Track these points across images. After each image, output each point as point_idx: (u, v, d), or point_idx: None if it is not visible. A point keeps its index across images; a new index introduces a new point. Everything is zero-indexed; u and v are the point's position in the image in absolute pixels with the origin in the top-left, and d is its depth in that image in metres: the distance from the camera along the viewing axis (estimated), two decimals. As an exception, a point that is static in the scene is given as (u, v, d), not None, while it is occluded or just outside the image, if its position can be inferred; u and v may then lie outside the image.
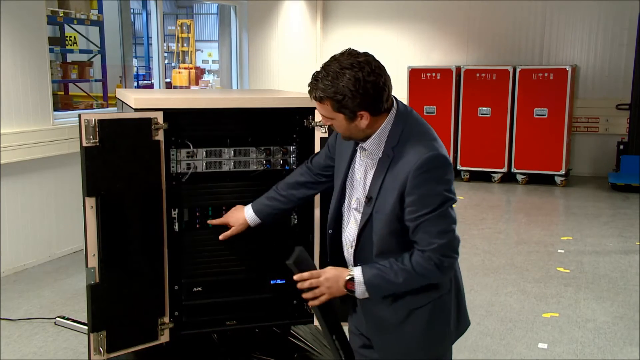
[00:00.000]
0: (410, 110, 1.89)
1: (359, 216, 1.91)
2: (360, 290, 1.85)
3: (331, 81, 1.74)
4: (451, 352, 2.06)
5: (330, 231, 2.03)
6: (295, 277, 1.89)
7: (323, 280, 1.87)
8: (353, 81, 1.72)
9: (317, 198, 2.44)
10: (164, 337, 2.35)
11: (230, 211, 2.36)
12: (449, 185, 1.80)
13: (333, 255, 2.04)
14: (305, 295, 1.91)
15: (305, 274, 1.88)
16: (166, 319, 2.35)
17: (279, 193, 2.26)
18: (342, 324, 2.03)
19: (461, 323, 2.01)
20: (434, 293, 1.90)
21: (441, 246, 1.78)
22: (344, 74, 1.73)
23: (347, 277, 1.86)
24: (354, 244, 1.93)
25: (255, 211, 2.29)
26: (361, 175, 1.93)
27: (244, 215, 2.30)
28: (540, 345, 3.61)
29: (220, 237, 2.36)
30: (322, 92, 1.76)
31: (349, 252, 1.97)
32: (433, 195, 1.77)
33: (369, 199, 1.86)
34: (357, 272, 1.85)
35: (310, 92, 1.81)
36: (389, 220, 1.82)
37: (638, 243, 5.65)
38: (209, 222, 2.40)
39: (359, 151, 1.94)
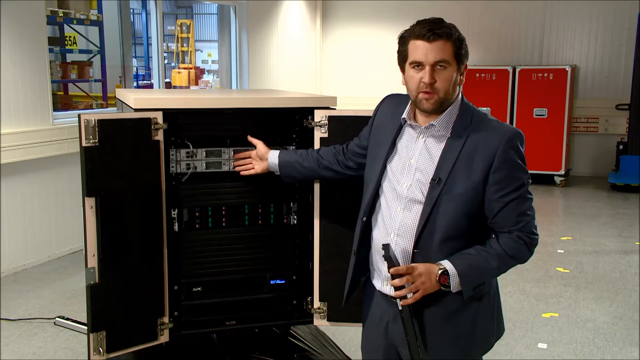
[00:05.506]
0: None
1: (419, 200, 1.82)
2: (455, 283, 1.76)
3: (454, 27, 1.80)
4: None
5: (365, 218, 1.97)
6: (392, 270, 1.76)
7: (417, 276, 1.76)
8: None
9: (316, 199, 2.44)
10: (164, 337, 2.35)
11: (256, 156, 2.34)
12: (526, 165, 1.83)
13: (361, 244, 1.98)
14: (398, 293, 1.79)
15: (402, 268, 1.76)
16: (166, 319, 2.35)
17: (317, 172, 2.23)
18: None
19: (500, 326, 2.00)
20: (486, 287, 1.87)
21: (528, 224, 1.79)
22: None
23: (440, 271, 1.76)
24: (415, 231, 1.82)
25: (282, 168, 2.27)
26: (417, 159, 1.85)
27: (267, 164, 2.30)
28: (540, 345, 3.61)
29: (242, 173, 2.36)
30: (453, 30, 1.80)
31: (393, 241, 1.86)
32: (519, 172, 1.79)
33: (436, 180, 1.79)
34: (447, 265, 1.76)
35: (433, 31, 1.79)
36: (466, 202, 1.77)
37: (637, 243, 5.65)
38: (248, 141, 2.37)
39: (415, 135, 1.88)
